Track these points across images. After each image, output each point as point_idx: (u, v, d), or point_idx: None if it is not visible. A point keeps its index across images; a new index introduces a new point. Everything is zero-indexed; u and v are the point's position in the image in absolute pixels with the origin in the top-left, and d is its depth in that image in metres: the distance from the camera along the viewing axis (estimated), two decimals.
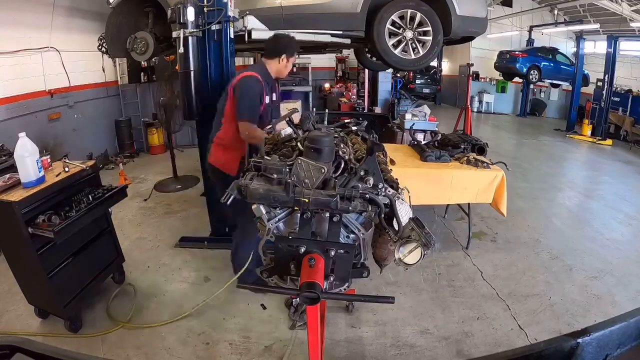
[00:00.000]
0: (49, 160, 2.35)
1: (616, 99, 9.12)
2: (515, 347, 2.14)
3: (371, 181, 1.45)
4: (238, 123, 2.37)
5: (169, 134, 5.34)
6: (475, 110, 12.19)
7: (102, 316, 2.55)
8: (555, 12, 11.49)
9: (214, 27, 2.87)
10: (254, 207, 1.44)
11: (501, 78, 12.49)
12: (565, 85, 11.65)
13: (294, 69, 10.15)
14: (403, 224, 1.37)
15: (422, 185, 3.17)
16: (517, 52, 11.31)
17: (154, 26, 3.46)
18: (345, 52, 8.63)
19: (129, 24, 3.51)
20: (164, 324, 2.47)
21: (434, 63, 13.48)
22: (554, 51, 11.62)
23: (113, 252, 2.82)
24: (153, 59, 5.48)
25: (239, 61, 7.93)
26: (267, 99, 2.47)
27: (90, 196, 2.39)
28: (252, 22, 3.06)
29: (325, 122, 2.16)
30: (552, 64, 11.38)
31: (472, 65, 7.50)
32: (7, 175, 2.17)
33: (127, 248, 3.15)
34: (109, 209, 2.68)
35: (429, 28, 3.25)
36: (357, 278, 1.50)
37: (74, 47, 5.31)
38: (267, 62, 2.53)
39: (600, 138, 8.59)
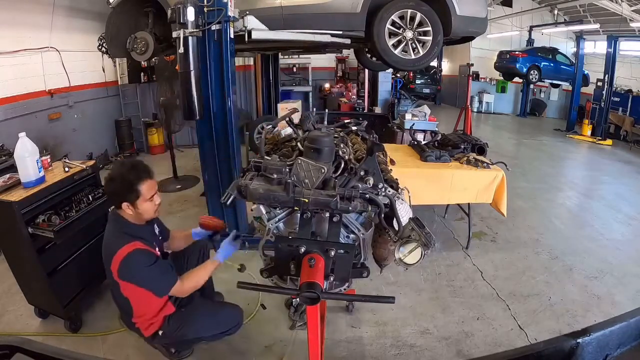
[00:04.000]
0: (49, 160, 2.35)
1: (616, 99, 9.12)
2: (515, 347, 2.14)
3: (371, 181, 1.45)
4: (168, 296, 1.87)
5: (169, 134, 5.34)
6: (475, 110, 12.19)
7: (102, 316, 2.54)
8: (555, 12, 11.49)
9: (214, 27, 2.87)
10: (254, 206, 1.44)
11: (501, 78, 12.48)
12: (565, 85, 11.65)
13: (294, 69, 10.17)
14: (403, 224, 1.37)
15: (422, 185, 3.17)
16: (517, 52, 11.30)
17: (154, 26, 3.46)
18: (345, 52, 8.62)
19: (129, 24, 3.51)
20: None
21: (434, 63, 13.47)
22: (554, 51, 11.61)
23: None
24: (153, 59, 5.48)
25: (239, 61, 7.93)
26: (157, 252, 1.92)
27: (90, 196, 2.39)
28: (252, 22, 3.06)
29: (325, 122, 2.16)
30: (552, 64, 11.37)
31: (472, 65, 7.49)
32: (7, 175, 2.17)
33: None
34: (109, 209, 2.67)
35: (429, 28, 3.25)
36: (357, 278, 1.50)
37: (74, 47, 5.31)
38: (123, 214, 1.86)
39: (600, 138, 8.59)
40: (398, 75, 12.25)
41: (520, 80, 11.83)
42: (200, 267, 1.96)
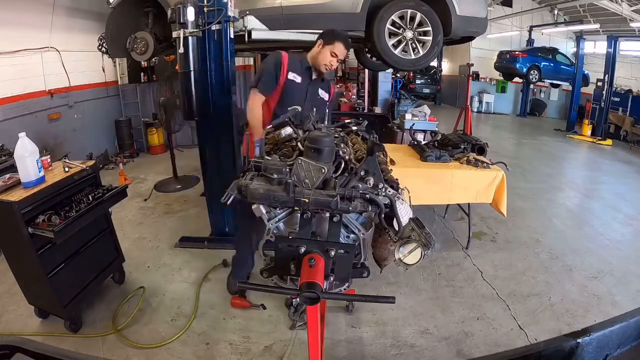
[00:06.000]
0: (49, 160, 2.34)
1: (616, 99, 9.13)
2: (515, 347, 2.14)
3: (371, 181, 1.45)
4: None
5: (169, 134, 5.34)
6: (475, 110, 12.20)
7: (102, 316, 2.54)
8: (555, 12, 11.49)
9: (214, 27, 2.87)
10: (254, 207, 1.44)
11: (501, 78, 12.49)
12: (565, 85, 11.66)
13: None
14: (403, 224, 1.37)
15: (422, 185, 3.17)
16: (517, 52, 11.31)
17: (154, 26, 3.46)
18: None
19: (129, 24, 3.51)
20: (154, 346, 2.32)
21: (434, 63, 13.48)
22: (554, 51, 11.62)
23: (113, 252, 2.82)
24: (153, 59, 5.48)
25: (239, 61, 7.93)
26: (292, 75, 2.38)
27: (90, 196, 2.39)
28: (252, 22, 3.06)
29: (326, 122, 2.16)
30: (552, 64, 11.38)
31: (472, 65, 7.50)
32: (7, 175, 2.16)
33: (127, 248, 3.14)
34: (109, 209, 2.68)
35: (429, 28, 3.25)
36: (357, 278, 1.50)
37: (74, 47, 5.31)
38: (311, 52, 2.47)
39: (600, 138, 8.60)
40: (398, 75, 12.26)
41: (520, 80, 11.83)
42: (258, 116, 2.41)
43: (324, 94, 2.51)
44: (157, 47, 3.41)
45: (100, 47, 4.44)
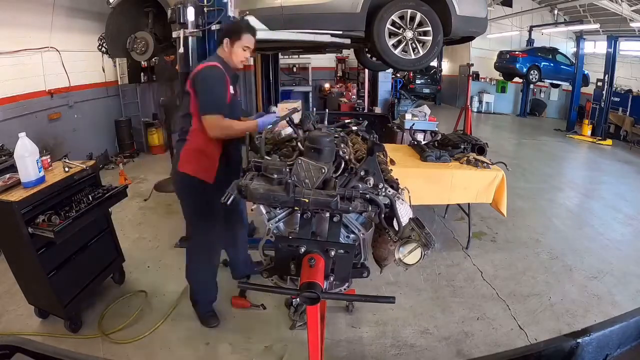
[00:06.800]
0: (49, 160, 2.35)
1: (616, 99, 9.13)
2: (515, 347, 2.14)
3: (371, 181, 1.45)
4: (202, 119, 2.09)
5: (169, 134, 5.34)
6: (475, 110, 12.20)
7: (103, 316, 2.54)
8: (555, 12, 11.50)
9: (214, 27, 2.87)
10: (254, 206, 1.44)
11: (501, 78, 12.49)
12: (565, 85, 11.66)
13: (294, 69, 10.15)
14: (403, 224, 1.37)
15: (422, 185, 3.17)
16: (517, 52, 11.31)
17: (154, 26, 3.47)
18: (345, 52, 8.63)
19: (129, 24, 3.52)
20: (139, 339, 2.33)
21: (434, 63, 13.49)
22: (554, 51, 11.62)
23: (113, 252, 2.82)
24: (153, 59, 5.49)
25: None
26: (231, 89, 2.23)
27: (90, 196, 2.39)
28: (252, 22, 3.06)
29: (326, 122, 2.16)
30: (552, 64, 11.38)
31: (472, 65, 7.49)
32: (7, 175, 2.16)
33: (127, 248, 3.14)
34: (109, 209, 2.68)
35: (429, 28, 3.26)
36: (357, 278, 1.50)
37: (74, 47, 5.31)
38: (219, 53, 2.29)
39: (600, 138, 8.60)
40: (398, 75, 12.26)
41: (520, 80, 11.84)
42: (241, 122, 2.24)
43: (236, 92, 2.35)
44: (157, 47, 3.42)
45: (100, 47, 4.45)
